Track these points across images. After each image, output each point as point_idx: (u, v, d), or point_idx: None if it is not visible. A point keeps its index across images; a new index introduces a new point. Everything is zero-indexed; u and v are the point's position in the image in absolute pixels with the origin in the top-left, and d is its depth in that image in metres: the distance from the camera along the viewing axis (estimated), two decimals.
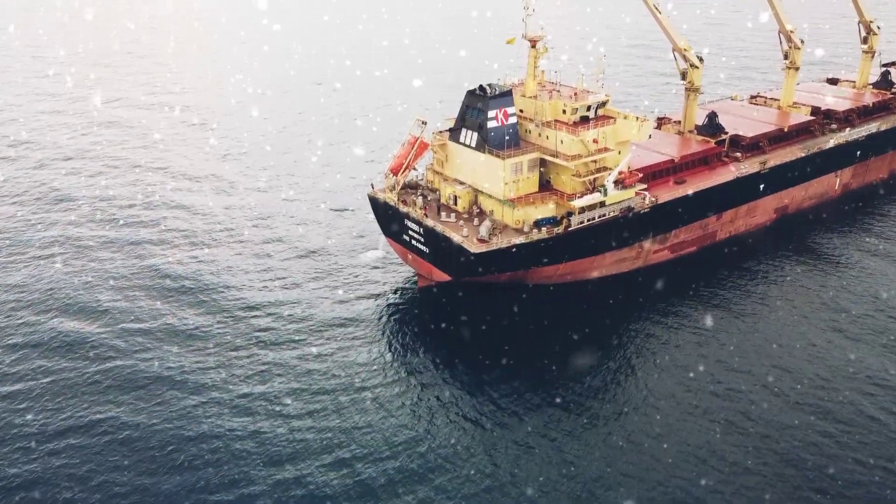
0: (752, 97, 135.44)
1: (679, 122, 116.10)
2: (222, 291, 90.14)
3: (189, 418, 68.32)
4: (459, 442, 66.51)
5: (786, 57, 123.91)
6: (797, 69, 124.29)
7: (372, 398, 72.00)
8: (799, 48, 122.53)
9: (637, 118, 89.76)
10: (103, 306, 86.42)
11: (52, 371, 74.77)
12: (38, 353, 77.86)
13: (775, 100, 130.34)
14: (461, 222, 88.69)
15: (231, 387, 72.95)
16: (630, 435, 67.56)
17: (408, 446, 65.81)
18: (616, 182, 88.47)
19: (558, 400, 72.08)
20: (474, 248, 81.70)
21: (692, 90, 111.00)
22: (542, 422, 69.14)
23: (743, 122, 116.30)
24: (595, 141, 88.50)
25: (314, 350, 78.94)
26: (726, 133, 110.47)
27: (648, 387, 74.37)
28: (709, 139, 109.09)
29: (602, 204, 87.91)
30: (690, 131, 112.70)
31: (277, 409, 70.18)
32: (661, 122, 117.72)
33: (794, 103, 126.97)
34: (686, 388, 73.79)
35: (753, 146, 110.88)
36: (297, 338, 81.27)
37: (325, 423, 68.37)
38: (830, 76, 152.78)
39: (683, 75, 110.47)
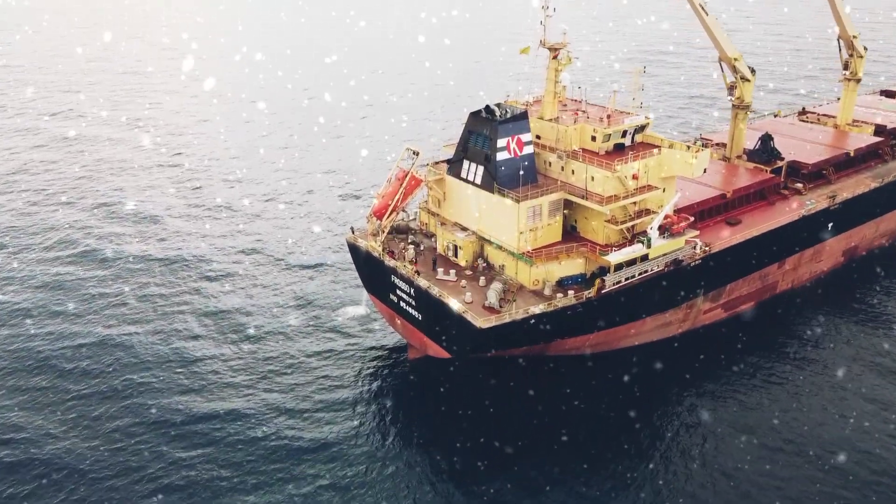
0: (801, 113, 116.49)
1: (722, 144, 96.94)
2: (175, 361, 71.47)
3: None
4: None
5: (846, 67, 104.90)
6: (858, 81, 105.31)
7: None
8: (862, 56, 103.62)
9: (689, 147, 70.55)
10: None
11: None
12: None
13: (829, 116, 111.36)
14: (463, 281, 69.19)
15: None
16: None
17: None
18: (661, 229, 69.15)
19: None
20: (480, 321, 62.17)
21: (741, 108, 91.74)
22: None
23: (799, 146, 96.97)
24: (635, 177, 69.21)
25: (271, 442, 60.23)
26: (782, 159, 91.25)
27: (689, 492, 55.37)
28: (763, 167, 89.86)
29: (644, 258, 68.47)
30: (739, 157, 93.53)
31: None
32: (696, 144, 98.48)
33: (854, 121, 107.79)
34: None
35: (816, 175, 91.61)
36: (256, 418, 63.16)
37: None
38: (884, 88, 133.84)
39: (731, 90, 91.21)
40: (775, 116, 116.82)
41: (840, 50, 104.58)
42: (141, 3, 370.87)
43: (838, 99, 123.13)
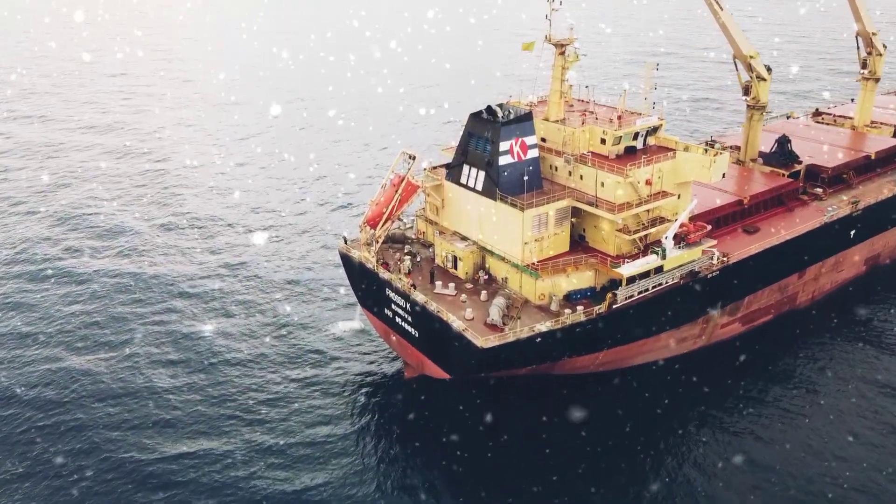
0: (815, 114, 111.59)
1: (736, 147, 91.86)
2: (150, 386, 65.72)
3: None
4: None
5: (864, 66, 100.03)
6: (877, 80, 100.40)
7: None
8: (881, 54, 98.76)
9: (706, 150, 65.62)
10: None
11: None
12: None
13: (845, 118, 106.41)
14: (463, 296, 64.16)
15: None
16: None
17: None
18: (677, 238, 64.14)
19: None
20: (482, 340, 57.09)
21: (757, 108, 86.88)
22: None
23: (817, 148, 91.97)
24: (648, 182, 64.22)
25: (250, 483, 54.38)
26: (800, 162, 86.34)
27: None
28: (780, 171, 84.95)
29: (658, 269, 63.40)
30: (754, 160, 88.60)
31: None
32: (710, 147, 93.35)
33: (872, 122, 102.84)
34: None
35: (836, 179, 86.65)
36: (233, 456, 57.18)
37: None
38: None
39: (747, 90, 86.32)
40: (788, 118, 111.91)
41: (858, 48, 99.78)
42: (139, 4, 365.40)
43: (852, 100, 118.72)
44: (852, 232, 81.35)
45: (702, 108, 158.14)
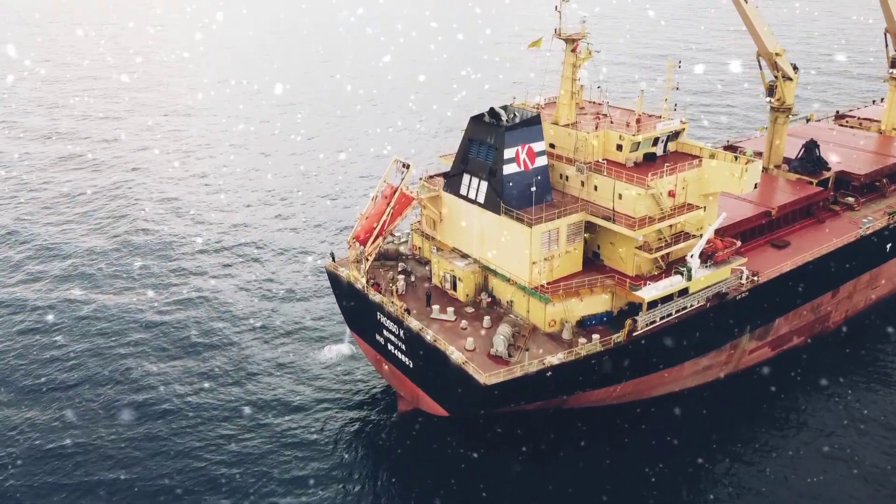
0: (838, 117, 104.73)
1: (757, 153, 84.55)
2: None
3: None
4: None
5: (893, 65, 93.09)
6: None
7: None
8: None
9: (735, 157, 58.57)
10: None
11: None
12: None
13: (871, 121, 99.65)
14: (463, 322, 57.05)
15: None
16: None
17: None
18: (703, 256, 57.12)
19: None
20: (485, 376, 49.96)
21: (781, 110, 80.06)
22: None
23: (845, 154, 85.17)
24: (671, 194, 57.19)
25: None
26: (829, 169, 79.49)
27: None
28: (808, 179, 78.07)
29: (683, 291, 56.31)
30: (778, 167, 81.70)
31: None
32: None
33: None
34: None
35: (868, 187, 79.78)
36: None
37: None
38: None
39: (771, 90, 79.53)
40: (808, 121, 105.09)
41: (887, 45, 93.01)
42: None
43: (874, 102, 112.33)
44: (888, 245, 74.48)
45: (704, 112, 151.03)
